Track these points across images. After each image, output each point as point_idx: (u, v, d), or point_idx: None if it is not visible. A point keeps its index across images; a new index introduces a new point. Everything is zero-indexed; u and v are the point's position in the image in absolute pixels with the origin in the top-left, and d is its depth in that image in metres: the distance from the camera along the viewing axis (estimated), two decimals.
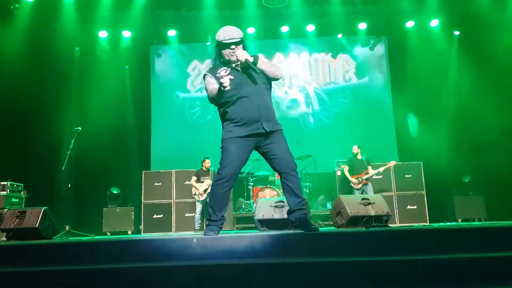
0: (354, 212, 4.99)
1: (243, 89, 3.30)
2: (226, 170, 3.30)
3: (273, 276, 2.31)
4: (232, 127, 3.31)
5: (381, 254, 2.55)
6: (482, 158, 8.66)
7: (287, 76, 10.74)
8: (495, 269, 2.33)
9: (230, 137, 3.31)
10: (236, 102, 3.29)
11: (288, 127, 11.46)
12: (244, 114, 3.26)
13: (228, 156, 3.31)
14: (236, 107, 3.28)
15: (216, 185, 3.29)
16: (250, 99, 3.28)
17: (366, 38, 10.70)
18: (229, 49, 3.37)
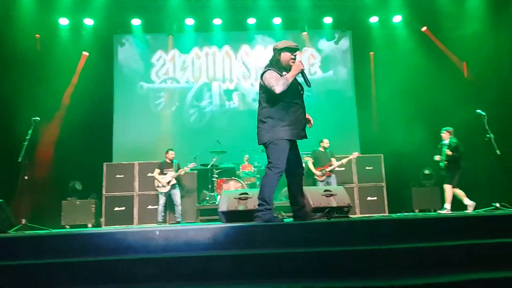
0: (316, 204, 5.08)
1: (299, 100, 3.86)
2: (282, 165, 3.75)
3: (236, 268, 2.32)
4: (284, 129, 3.76)
5: (342, 244, 2.61)
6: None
7: (253, 68, 10.74)
8: (450, 257, 2.43)
9: (283, 138, 3.75)
10: (294, 108, 3.79)
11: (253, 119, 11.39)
12: (298, 120, 3.79)
13: (283, 153, 3.75)
14: (293, 111, 3.78)
15: (276, 177, 3.76)
16: (302, 110, 3.86)
17: (332, 32, 10.83)
18: (291, 54, 3.90)
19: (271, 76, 3.80)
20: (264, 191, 3.78)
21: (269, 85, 3.77)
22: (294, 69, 3.80)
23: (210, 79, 10.63)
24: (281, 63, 3.92)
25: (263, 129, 3.87)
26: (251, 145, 9.15)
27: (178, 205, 8.03)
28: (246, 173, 8.71)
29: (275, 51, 3.99)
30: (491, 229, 2.86)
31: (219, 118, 10.44)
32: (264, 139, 3.84)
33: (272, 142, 3.77)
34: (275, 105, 3.80)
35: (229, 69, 10.70)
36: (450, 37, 9.48)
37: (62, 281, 2.34)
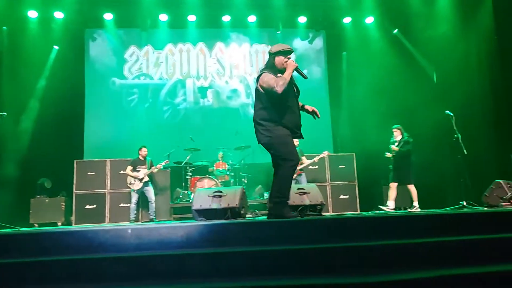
0: (290, 202, 5.10)
1: (294, 101, 4.04)
2: (295, 157, 3.92)
3: (211, 266, 2.32)
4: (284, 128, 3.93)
5: (316, 242, 2.64)
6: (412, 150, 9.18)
7: (227, 66, 10.72)
8: (420, 254, 2.50)
9: (286, 134, 3.93)
10: (290, 109, 3.96)
11: (228, 117, 11.43)
12: (295, 123, 3.98)
13: (292, 147, 3.93)
14: (290, 114, 3.96)
15: (291, 170, 3.89)
16: (297, 112, 4.04)
17: (306, 32, 10.92)
18: (285, 57, 4.07)
19: (268, 78, 3.94)
20: (282, 185, 3.90)
21: (270, 86, 3.89)
22: (289, 68, 3.97)
23: (184, 76, 10.55)
24: (276, 67, 4.06)
25: (260, 131, 4.00)
26: (226, 143, 9.15)
27: (152, 202, 7.94)
28: (220, 171, 8.69)
29: (270, 55, 4.13)
30: (458, 227, 2.96)
31: (193, 116, 10.38)
32: (264, 140, 3.98)
33: (272, 140, 3.91)
34: (272, 107, 3.93)
35: (204, 66, 10.64)
36: (421, 38, 9.70)
37: (31, 281, 2.28)
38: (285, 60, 4.06)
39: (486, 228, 2.93)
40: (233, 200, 5.04)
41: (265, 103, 3.98)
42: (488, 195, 6.44)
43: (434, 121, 8.32)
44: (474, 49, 9.08)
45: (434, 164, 9.13)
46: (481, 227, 2.95)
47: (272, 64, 4.08)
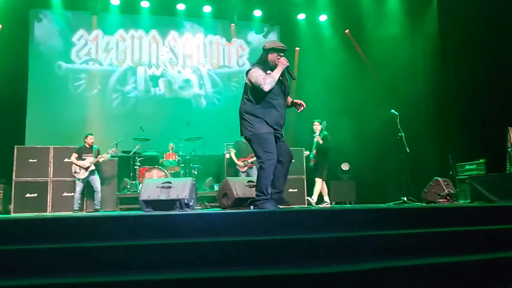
0: (240, 194, 5.14)
1: (281, 99, 4.13)
2: (274, 156, 3.97)
3: (158, 257, 2.29)
4: (265, 124, 4.00)
5: (265, 234, 2.68)
6: (358, 147, 9.50)
7: (181, 55, 10.55)
8: (364, 246, 2.60)
9: (267, 132, 3.99)
10: (273, 107, 4.04)
11: (179, 108, 11.29)
12: (275, 121, 4.04)
13: (272, 145, 3.98)
14: (273, 112, 4.03)
15: (270, 168, 3.96)
16: (281, 110, 4.11)
17: (261, 26, 10.96)
18: (277, 54, 4.13)
19: (257, 74, 4.02)
20: (261, 183, 3.98)
21: (257, 83, 3.98)
22: (279, 66, 4.07)
23: (136, 63, 10.28)
24: (268, 63, 4.14)
25: (243, 124, 4.08)
26: (176, 134, 9.03)
27: (98, 192, 7.70)
28: (170, 162, 8.57)
29: (264, 50, 4.21)
30: (399, 221, 3.11)
31: (143, 104, 10.15)
32: (246, 134, 4.06)
33: (254, 136, 3.99)
34: (257, 102, 4.03)
35: (156, 55, 10.42)
36: (371, 38, 10.01)
37: None
38: (277, 57, 4.13)
39: (424, 223, 3.10)
40: (182, 191, 4.99)
41: (250, 97, 4.07)
42: (427, 192, 6.78)
43: (381, 120, 8.64)
44: (420, 52, 9.51)
45: (379, 161, 9.51)
46: (419, 221, 3.12)
47: (264, 60, 4.17)
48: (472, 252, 2.61)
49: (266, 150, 3.94)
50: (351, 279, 2.08)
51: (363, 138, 9.53)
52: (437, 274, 2.25)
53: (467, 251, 2.62)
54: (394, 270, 2.19)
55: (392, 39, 9.54)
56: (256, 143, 3.99)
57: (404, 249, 2.61)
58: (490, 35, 7.74)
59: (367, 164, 9.54)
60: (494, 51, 7.62)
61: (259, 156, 3.98)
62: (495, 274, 2.35)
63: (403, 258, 2.44)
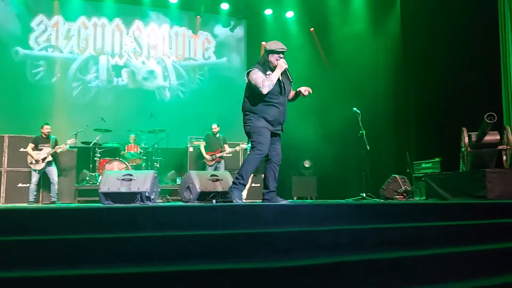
0: (202, 188, 5.12)
1: (281, 98, 4.26)
2: (264, 148, 4.14)
3: (115, 251, 2.25)
4: (264, 121, 4.17)
5: (226, 228, 2.68)
6: (321, 144, 9.65)
7: (145, 45, 10.34)
8: (324, 240, 2.65)
9: (264, 126, 4.16)
10: (273, 106, 4.20)
11: (143, 99, 11.10)
12: (275, 118, 4.21)
13: (265, 139, 4.14)
14: (273, 110, 4.20)
15: (256, 158, 4.15)
16: (281, 108, 4.26)
17: (227, 19, 10.90)
18: (278, 56, 4.24)
19: (257, 76, 4.15)
20: (244, 167, 4.16)
21: (257, 85, 4.11)
22: (278, 69, 4.20)
23: (98, 52, 9.99)
24: (269, 64, 4.25)
25: (245, 121, 4.24)
26: (139, 126, 8.86)
27: (55, 184, 7.46)
28: (131, 154, 8.42)
29: (265, 51, 4.31)
30: (358, 216, 3.19)
31: (105, 94, 9.90)
32: (246, 130, 4.23)
33: (251, 129, 4.17)
34: (257, 101, 4.18)
35: (119, 44, 10.17)
36: (336, 37, 10.16)
37: None
38: (277, 59, 4.23)
39: (381, 218, 3.19)
40: (143, 184, 4.92)
41: (250, 96, 4.23)
42: (385, 188, 6.98)
43: (343, 117, 8.81)
44: (383, 52, 9.75)
45: (340, 158, 9.70)
46: (377, 217, 3.21)
47: (265, 61, 4.27)
48: (426, 247, 2.71)
49: (257, 141, 4.12)
50: (311, 272, 2.12)
51: (326, 135, 9.69)
52: (394, 267, 2.33)
53: (422, 246, 2.73)
54: (353, 264, 2.25)
55: (356, 38, 9.72)
56: (251, 134, 4.17)
57: (362, 243, 2.68)
58: (449, 40, 8.03)
59: (329, 160, 9.71)
60: (453, 56, 7.92)
61: (253, 146, 4.16)
62: (449, 267, 2.46)
63: (361, 252, 2.51)
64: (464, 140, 5.61)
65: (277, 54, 4.25)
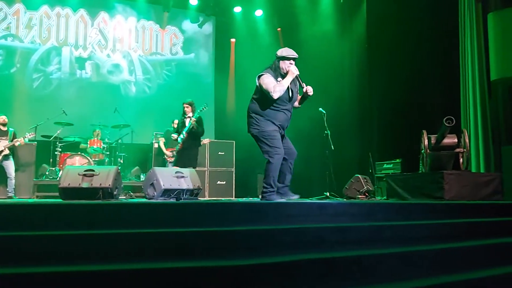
0: (167, 185, 5.07)
1: (288, 104, 4.42)
2: (281, 151, 4.31)
3: (73, 249, 2.20)
4: (273, 124, 4.32)
5: (190, 226, 2.67)
6: None
7: (111, 38, 10.11)
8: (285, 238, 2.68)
9: (275, 130, 4.32)
10: (281, 111, 4.36)
11: (107, 93, 10.87)
12: (282, 123, 4.39)
13: (279, 142, 4.31)
14: (280, 115, 4.36)
15: (277, 162, 4.29)
16: (288, 114, 4.45)
17: (196, 15, 10.81)
18: (289, 62, 4.37)
19: (268, 81, 4.26)
20: (269, 176, 4.27)
21: (268, 89, 4.22)
22: (290, 75, 4.32)
23: (61, 43, 9.69)
24: (280, 70, 4.37)
25: (250, 122, 4.38)
26: (103, 120, 8.67)
27: (12, 178, 7.17)
28: (94, 149, 8.22)
29: (276, 58, 4.44)
30: (320, 215, 3.25)
31: (67, 87, 9.60)
32: (253, 132, 4.34)
33: (260, 134, 4.29)
34: (265, 105, 4.30)
35: (84, 36, 9.89)
36: (304, 37, 10.26)
37: None
38: (288, 65, 4.36)
39: (343, 217, 3.27)
40: (106, 180, 4.82)
41: (259, 99, 4.34)
42: (348, 188, 7.12)
43: (310, 117, 8.91)
44: (349, 54, 9.93)
45: (305, 157, 9.79)
46: (338, 216, 3.28)
47: (277, 67, 4.39)
48: (385, 245, 2.80)
49: (273, 146, 4.26)
50: (271, 270, 2.15)
51: (292, 134, 9.75)
52: (354, 265, 2.39)
53: (382, 245, 2.81)
54: (312, 262, 2.29)
55: (324, 38, 9.85)
56: (262, 140, 4.29)
57: (324, 242, 2.73)
58: (412, 45, 8.29)
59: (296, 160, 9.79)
60: (414, 61, 8.17)
61: (267, 151, 4.28)
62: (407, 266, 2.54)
63: (323, 250, 2.56)
64: (424, 142, 5.80)
65: (288, 60, 4.38)
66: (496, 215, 4.00)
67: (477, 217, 3.84)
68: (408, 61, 8.32)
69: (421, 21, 8.13)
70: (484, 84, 7.33)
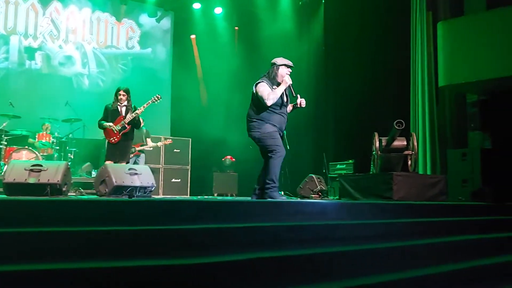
0: (119, 182, 4.94)
1: (283, 108, 4.75)
2: (281, 149, 4.62)
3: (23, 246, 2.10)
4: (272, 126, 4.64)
5: (142, 223, 2.61)
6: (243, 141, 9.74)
7: (64, 29, 9.72)
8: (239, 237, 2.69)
9: (274, 130, 4.64)
10: (278, 114, 4.69)
11: (58, 86, 10.49)
12: (280, 125, 4.72)
13: (279, 141, 4.65)
14: (277, 117, 4.69)
15: (279, 160, 4.60)
16: (284, 117, 4.78)
17: (154, 9, 10.61)
18: (287, 70, 4.75)
19: (263, 89, 4.60)
20: (272, 172, 4.55)
21: (262, 97, 4.56)
22: (283, 84, 4.64)
23: (9, 31, 9.20)
24: (276, 78, 4.70)
25: (252, 127, 4.67)
26: (52, 114, 8.33)
27: None
28: (43, 144, 7.87)
29: (274, 66, 4.77)
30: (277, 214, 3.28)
31: (15, 78, 9.14)
32: (255, 135, 4.65)
33: (262, 135, 4.59)
34: (262, 109, 4.63)
35: (34, 25, 9.45)
36: (263, 36, 10.33)
37: None
38: (286, 73, 4.71)
39: (296, 216, 3.31)
40: (54, 175, 4.63)
41: (256, 105, 4.67)
42: (302, 187, 7.24)
43: None
44: (306, 56, 10.09)
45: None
46: (292, 215, 3.33)
47: (274, 75, 4.72)
48: (339, 244, 2.87)
49: (275, 144, 4.57)
50: (225, 269, 2.15)
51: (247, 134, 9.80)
52: (308, 263, 2.43)
53: (334, 243, 2.88)
54: (266, 260, 2.31)
55: (282, 39, 9.94)
56: (265, 140, 4.60)
57: (277, 240, 2.76)
58: (366, 50, 8.56)
59: (250, 158, 9.85)
60: (370, 65, 8.44)
61: (270, 150, 4.58)
62: (360, 263, 2.62)
63: (275, 248, 2.59)
64: (375, 144, 6.00)
65: (287, 68, 4.77)
66: (441, 215, 4.19)
67: (424, 217, 4.01)
68: (363, 65, 8.58)
69: (376, 27, 8.41)
70: (432, 90, 7.68)
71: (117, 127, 5.95)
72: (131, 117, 5.97)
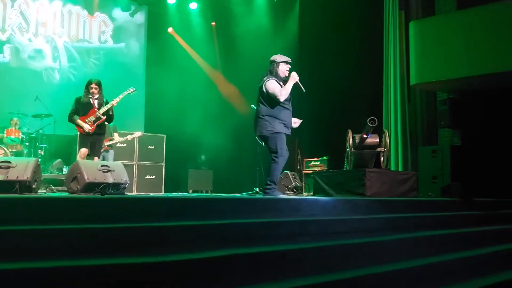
0: (91, 178, 4.84)
1: (290, 105, 4.91)
2: (285, 152, 4.74)
3: None
4: (280, 123, 4.75)
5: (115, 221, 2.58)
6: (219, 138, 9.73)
7: (33, 21, 9.44)
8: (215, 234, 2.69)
9: (283, 132, 4.76)
10: (286, 108, 4.85)
11: (27, 80, 10.24)
12: (288, 120, 4.86)
13: (284, 142, 4.74)
14: (286, 112, 4.84)
15: (282, 162, 4.73)
16: (292, 111, 4.93)
17: (128, 3, 10.43)
18: (287, 66, 4.92)
19: (274, 86, 4.75)
20: (273, 174, 4.68)
21: (275, 93, 4.71)
22: (291, 80, 4.81)
23: None
24: (279, 74, 4.85)
25: (263, 124, 4.75)
26: (22, 109, 8.10)
27: None
28: (11, 139, 7.64)
29: (274, 63, 4.92)
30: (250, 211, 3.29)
31: None
32: (265, 133, 4.72)
33: (273, 135, 4.69)
34: (272, 106, 4.76)
35: (2, 17, 9.14)
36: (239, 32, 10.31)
37: None
38: (286, 69, 4.90)
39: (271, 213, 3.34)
40: (23, 172, 4.50)
41: (266, 102, 4.78)
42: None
43: (242, 114, 9.00)
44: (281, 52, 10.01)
45: (237, 153, 9.89)
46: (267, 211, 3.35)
47: (276, 72, 4.86)
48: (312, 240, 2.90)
49: (281, 147, 4.68)
50: (199, 266, 2.14)
51: (224, 130, 9.80)
52: (281, 259, 2.45)
53: (308, 239, 2.91)
54: (241, 257, 2.32)
55: (257, 35, 9.95)
56: (273, 140, 4.68)
57: (251, 237, 2.77)
58: (340, 47, 8.65)
59: (225, 155, 9.85)
60: (343, 63, 8.55)
61: (276, 151, 4.66)
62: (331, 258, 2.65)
63: (249, 245, 2.60)
64: (349, 141, 6.08)
65: (287, 64, 4.93)
66: (412, 211, 4.30)
67: (395, 213, 4.10)
68: (336, 63, 8.68)
69: (350, 25, 8.52)
70: (404, 89, 7.84)
71: (91, 118, 5.78)
72: (105, 108, 5.85)
